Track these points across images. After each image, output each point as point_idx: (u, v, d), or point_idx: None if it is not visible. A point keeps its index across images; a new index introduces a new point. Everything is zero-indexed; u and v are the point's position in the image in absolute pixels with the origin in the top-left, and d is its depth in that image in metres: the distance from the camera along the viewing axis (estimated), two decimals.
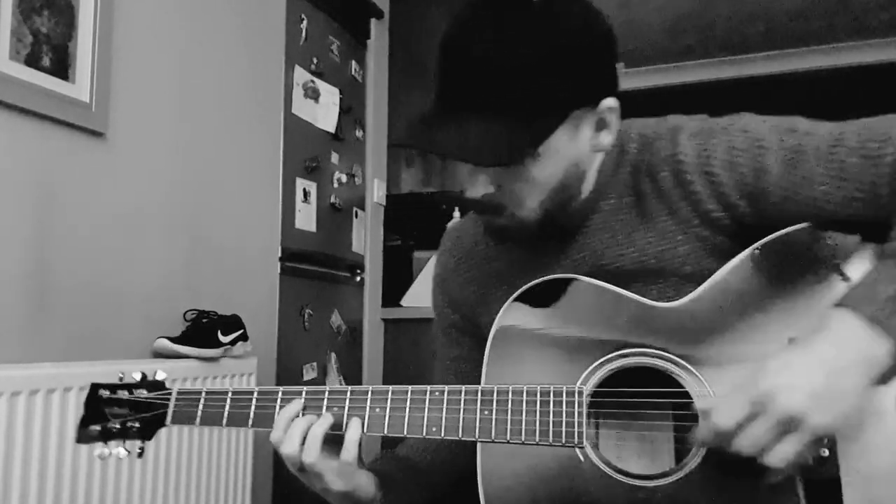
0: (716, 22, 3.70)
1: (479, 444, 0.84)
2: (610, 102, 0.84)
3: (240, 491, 1.77)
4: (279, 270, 2.23)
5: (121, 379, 0.94)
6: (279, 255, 2.23)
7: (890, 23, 3.69)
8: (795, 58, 3.96)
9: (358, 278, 2.73)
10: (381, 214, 2.92)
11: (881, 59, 3.83)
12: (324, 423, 0.85)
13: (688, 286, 0.85)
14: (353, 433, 0.86)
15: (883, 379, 0.71)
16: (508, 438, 0.81)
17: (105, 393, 0.93)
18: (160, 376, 0.95)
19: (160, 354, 1.62)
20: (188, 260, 1.83)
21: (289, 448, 0.84)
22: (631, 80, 3.37)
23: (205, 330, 1.71)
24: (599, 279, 0.86)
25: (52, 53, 1.46)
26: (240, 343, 1.80)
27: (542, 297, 0.87)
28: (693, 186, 0.85)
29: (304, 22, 2.41)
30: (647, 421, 0.82)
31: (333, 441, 0.85)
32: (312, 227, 2.43)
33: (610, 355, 0.82)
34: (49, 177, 1.46)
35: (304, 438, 0.84)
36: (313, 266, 2.42)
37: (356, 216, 2.72)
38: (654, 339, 0.81)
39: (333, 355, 2.53)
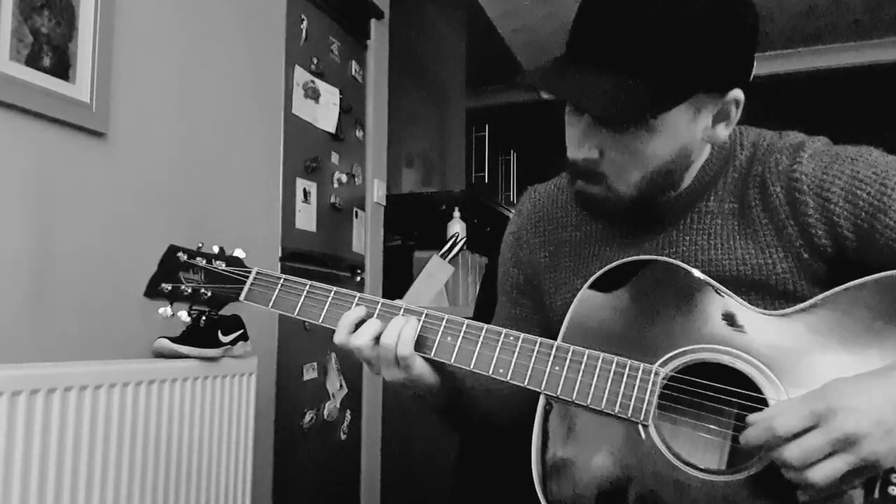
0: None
1: (541, 398, 0.83)
2: (737, 94, 0.82)
3: (240, 491, 1.77)
4: (279, 270, 2.23)
5: (199, 248, 0.95)
6: (279, 254, 2.23)
7: (890, 23, 3.69)
8: (795, 58, 3.97)
9: (358, 278, 2.73)
10: (381, 214, 2.92)
11: (881, 59, 3.83)
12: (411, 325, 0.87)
13: (780, 303, 0.83)
14: (409, 330, 0.87)
15: None
16: (574, 398, 0.81)
17: (182, 256, 0.93)
18: (239, 254, 0.96)
19: (160, 354, 1.62)
20: None
21: (360, 341, 0.88)
22: None
23: (205, 330, 1.71)
24: None
25: (53, 53, 1.46)
26: (240, 343, 1.80)
27: (623, 279, 0.86)
28: (805, 207, 0.83)
29: (304, 22, 2.41)
30: (712, 415, 0.81)
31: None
32: (312, 227, 2.43)
33: (694, 346, 0.81)
34: (49, 177, 1.46)
35: (399, 336, 0.86)
36: (313, 266, 2.42)
37: (356, 216, 2.72)
38: (742, 342, 0.80)
39: (333, 355, 2.53)
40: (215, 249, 0.93)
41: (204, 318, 0.93)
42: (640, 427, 0.80)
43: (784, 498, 0.74)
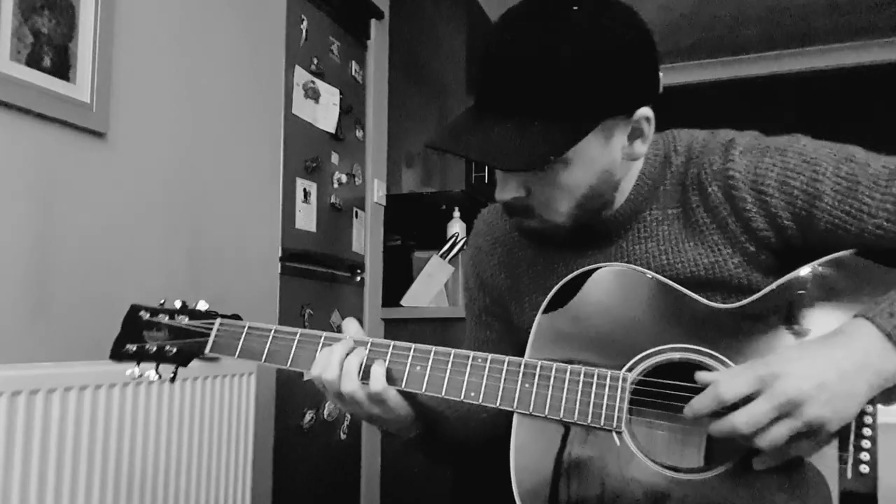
0: (715, 22, 3.70)
1: (514, 417, 0.84)
2: (645, 112, 0.83)
3: (240, 490, 1.77)
4: (279, 270, 2.24)
5: (162, 303, 0.94)
6: (279, 254, 2.23)
7: (890, 23, 3.69)
8: (795, 58, 3.97)
9: (358, 278, 2.73)
10: (381, 214, 2.92)
11: (881, 59, 3.83)
12: (360, 353, 0.88)
13: (737, 298, 0.85)
14: (378, 368, 0.87)
15: (888, 396, 0.72)
16: (546, 413, 0.82)
17: (144, 315, 0.92)
18: (202, 306, 0.95)
19: None
20: (188, 260, 1.83)
21: (329, 375, 0.86)
22: None
23: None
24: None
25: (53, 54, 1.46)
26: None
27: (585, 288, 0.87)
28: (743, 203, 0.85)
29: (304, 22, 2.41)
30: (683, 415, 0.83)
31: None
32: (312, 227, 2.43)
33: (658, 347, 0.82)
34: (49, 177, 1.46)
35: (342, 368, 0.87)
36: (313, 266, 2.42)
37: (356, 216, 2.72)
38: (702, 338, 0.81)
39: None
40: (177, 304, 0.94)
41: (173, 374, 0.92)
42: (615, 434, 0.80)
43: (758, 490, 0.75)
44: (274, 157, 2.23)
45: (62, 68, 1.48)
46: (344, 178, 2.63)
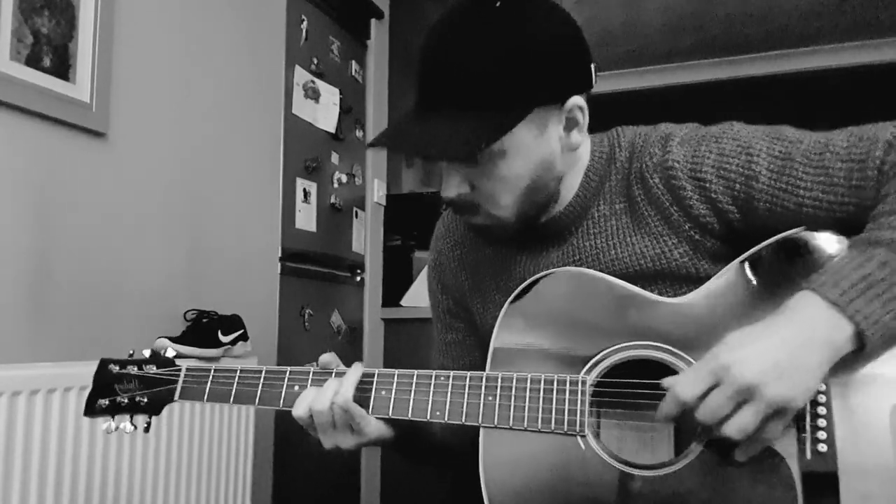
0: (715, 22, 3.70)
1: (481, 430, 0.85)
2: (577, 101, 0.85)
3: (240, 487, 1.77)
4: (279, 270, 2.24)
5: (130, 355, 0.97)
6: (279, 254, 2.23)
7: (890, 23, 3.69)
8: (795, 58, 3.96)
9: (358, 278, 2.73)
10: (381, 214, 2.92)
11: (881, 59, 3.83)
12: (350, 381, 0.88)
13: (685, 287, 0.86)
14: (352, 376, 0.88)
15: (843, 363, 0.72)
16: (511, 424, 0.83)
17: (114, 368, 0.95)
18: (170, 354, 0.97)
19: None
20: (188, 260, 1.83)
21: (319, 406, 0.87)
22: (631, 80, 3.37)
23: (205, 330, 1.71)
24: None
25: (53, 53, 1.46)
26: (240, 343, 1.81)
27: (538, 295, 0.88)
28: (684, 192, 0.86)
29: (305, 22, 2.41)
30: (649, 411, 0.83)
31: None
32: (312, 227, 2.43)
33: (613, 347, 0.83)
34: (49, 177, 1.46)
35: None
36: (313, 266, 2.42)
37: (356, 216, 2.72)
38: (656, 334, 0.82)
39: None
40: (146, 354, 0.97)
41: (147, 424, 0.95)
42: (579, 438, 0.81)
43: (724, 477, 0.76)
44: (274, 157, 2.23)
45: (62, 68, 1.48)
46: (344, 178, 2.63)
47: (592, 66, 0.87)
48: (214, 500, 1.67)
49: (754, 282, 0.82)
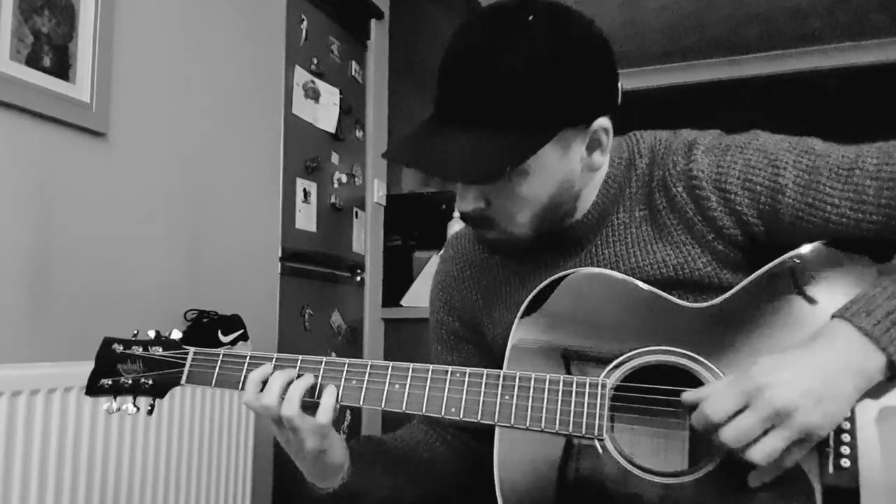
0: (715, 23, 3.70)
1: (497, 429, 0.83)
2: (603, 122, 0.83)
3: (240, 491, 1.77)
4: (279, 270, 2.24)
5: (135, 335, 0.93)
6: (279, 254, 2.23)
7: (890, 23, 3.69)
8: (795, 58, 3.97)
9: (358, 278, 2.73)
10: (381, 214, 2.92)
11: (881, 59, 3.83)
12: (304, 382, 0.85)
13: (706, 296, 0.85)
14: (328, 399, 0.85)
15: (874, 393, 0.72)
16: (528, 425, 0.81)
17: (118, 347, 0.91)
18: (175, 335, 0.94)
19: None
20: (188, 260, 1.83)
21: (268, 399, 0.83)
22: (631, 80, 3.37)
23: (205, 330, 1.71)
24: None
25: (53, 53, 1.46)
26: (240, 343, 1.80)
27: (559, 294, 0.87)
28: (708, 202, 0.85)
29: (304, 22, 2.41)
30: (665, 418, 0.82)
31: (314, 407, 0.85)
32: (312, 227, 2.43)
33: (636, 351, 0.82)
34: (49, 177, 1.46)
35: (284, 393, 0.84)
36: (313, 266, 2.42)
37: (356, 216, 2.72)
38: (678, 339, 0.81)
39: (334, 355, 2.53)
40: (151, 335, 0.93)
41: (151, 407, 0.92)
42: (597, 442, 0.80)
43: (740, 491, 0.75)
44: (274, 157, 2.23)
45: (62, 68, 1.48)
46: (344, 178, 2.63)
47: (619, 84, 0.85)
48: (215, 499, 1.67)
49: (779, 293, 0.81)
